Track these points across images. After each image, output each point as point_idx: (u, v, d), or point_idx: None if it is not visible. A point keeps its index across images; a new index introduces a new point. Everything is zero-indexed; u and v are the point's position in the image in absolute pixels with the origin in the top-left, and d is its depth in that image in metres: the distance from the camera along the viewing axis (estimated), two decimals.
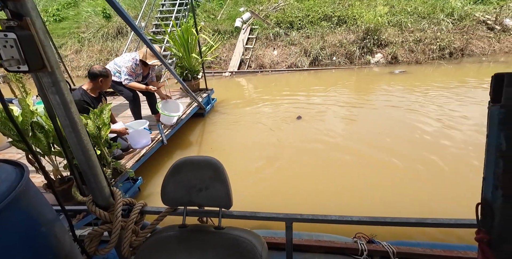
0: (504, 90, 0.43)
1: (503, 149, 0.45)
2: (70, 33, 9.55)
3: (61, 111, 0.83)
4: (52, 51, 0.80)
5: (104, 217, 0.95)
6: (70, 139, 0.86)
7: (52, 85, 0.80)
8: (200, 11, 9.30)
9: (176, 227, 0.97)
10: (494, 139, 0.46)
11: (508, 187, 0.46)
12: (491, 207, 0.48)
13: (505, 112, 0.44)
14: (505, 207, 0.47)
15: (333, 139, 3.67)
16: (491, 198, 0.48)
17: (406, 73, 6.44)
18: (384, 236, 1.59)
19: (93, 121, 2.23)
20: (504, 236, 0.48)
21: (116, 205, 0.97)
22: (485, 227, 0.50)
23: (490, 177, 0.47)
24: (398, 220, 0.95)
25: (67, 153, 1.76)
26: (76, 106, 0.86)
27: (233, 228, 0.93)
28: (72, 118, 0.85)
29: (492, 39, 7.32)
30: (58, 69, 0.81)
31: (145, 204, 1.07)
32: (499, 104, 0.44)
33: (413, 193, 2.53)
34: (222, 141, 3.95)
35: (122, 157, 2.87)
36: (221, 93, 5.71)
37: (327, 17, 8.15)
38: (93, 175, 0.92)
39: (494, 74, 0.44)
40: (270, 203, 2.55)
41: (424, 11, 7.68)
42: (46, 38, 0.77)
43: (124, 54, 3.51)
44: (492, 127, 0.46)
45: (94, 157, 0.92)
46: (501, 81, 0.44)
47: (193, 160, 0.94)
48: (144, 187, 2.96)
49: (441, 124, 3.81)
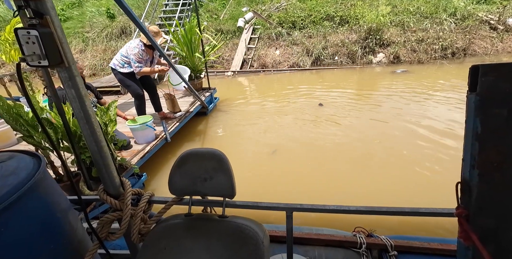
0: (479, 80, 0.48)
1: (479, 132, 0.50)
2: (74, 33, 9.66)
3: (76, 104, 0.88)
4: (68, 48, 0.85)
5: (115, 205, 1.01)
6: (84, 130, 0.92)
7: (69, 80, 0.85)
8: (203, 11, 9.36)
9: (182, 215, 1.02)
10: (471, 124, 0.51)
11: (482, 166, 0.51)
12: (468, 185, 0.53)
13: (479, 100, 0.49)
14: (480, 185, 0.52)
15: (334, 135, 3.71)
16: (469, 177, 0.53)
17: (408, 72, 6.45)
18: (383, 231, 1.63)
19: (100, 117, 2.29)
20: (479, 211, 0.53)
21: (126, 194, 1.03)
22: (464, 203, 0.55)
23: (468, 158, 0.53)
24: (394, 209, 1.00)
25: (75, 148, 1.82)
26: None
27: (236, 217, 0.98)
28: (86, 111, 0.90)
29: (495, 39, 7.31)
30: (74, 65, 0.86)
31: (153, 194, 1.13)
32: (475, 92, 0.49)
33: (416, 187, 2.57)
34: (225, 138, 4.00)
35: (130, 147, 2.97)
36: (223, 92, 5.77)
37: (329, 17, 8.18)
38: (105, 165, 0.97)
39: (471, 66, 0.50)
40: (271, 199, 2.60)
41: (426, 11, 7.68)
42: (63, 35, 0.83)
43: (127, 43, 3.51)
44: (469, 113, 0.51)
45: (105, 148, 0.98)
46: (477, 72, 0.49)
47: (198, 152, 0.99)
48: (148, 183, 3.02)
49: (445, 122, 3.83)
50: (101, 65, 8.90)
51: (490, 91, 0.48)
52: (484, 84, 0.48)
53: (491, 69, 0.48)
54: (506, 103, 0.48)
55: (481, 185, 0.52)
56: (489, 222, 0.54)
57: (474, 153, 0.51)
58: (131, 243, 1.15)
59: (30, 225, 0.87)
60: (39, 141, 1.97)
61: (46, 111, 2.06)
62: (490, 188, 0.52)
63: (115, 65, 3.50)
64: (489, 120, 0.49)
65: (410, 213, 1.02)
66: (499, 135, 0.50)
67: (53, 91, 1.12)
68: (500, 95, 0.48)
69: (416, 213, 1.01)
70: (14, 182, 0.84)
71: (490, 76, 0.48)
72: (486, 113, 0.49)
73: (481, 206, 0.53)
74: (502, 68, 0.47)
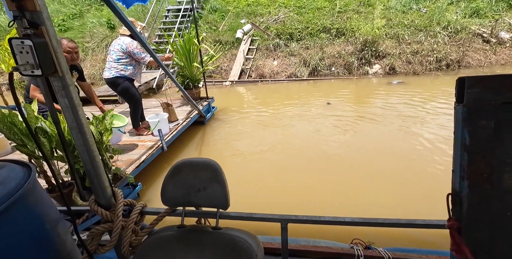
0: (466, 92, 0.49)
1: (467, 143, 0.50)
2: None
3: (69, 113, 0.88)
4: (63, 57, 0.86)
5: (106, 216, 0.98)
6: (76, 140, 0.91)
7: (62, 89, 0.85)
8: (202, 22, 9.56)
9: (175, 227, 1.00)
10: (459, 135, 0.51)
11: (472, 177, 0.51)
12: (459, 196, 0.53)
13: (467, 111, 0.49)
14: (470, 196, 0.51)
15: (330, 146, 3.71)
16: (459, 188, 0.52)
17: (404, 84, 6.55)
18: (381, 243, 1.60)
19: (95, 127, 2.28)
20: (471, 223, 0.52)
21: (117, 205, 1.01)
22: (455, 215, 0.55)
23: (457, 169, 0.52)
24: (390, 221, 0.99)
25: (69, 157, 1.80)
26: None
27: (230, 229, 0.96)
28: (79, 121, 0.89)
29: (488, 51, 7.48)
30: (68, 74, 0.86)
31: (145, 205, 1.11)
32: (462, 104, 0.50)
33: (412, 199, 2.54)
34: (222, 148, 3.98)
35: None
36: (221, 101, 5.80)
37: (326, 29, 8.37)
38: (97, 174, 0.96)
39: (457, 78, 0.50)
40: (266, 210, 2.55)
41: (420, 24, 7.89)
42: (58, 45, 0.83)
43: (115, 46, 3.30)
44: (457, 125, 0.51)
45: (98, 158, 0.97)
46: (464, 84, 0.49)
47: (192, 161, 0.98)
48: (144, 193, 2.97)
49: (438, 133, 3.85)
50: (100, 74, 8.97)
51: (477, 103, 0.49)
52: (470, 96, 0.49)
53: (476, 82, 0.48)
54: (492, 115, 0.48)
55: (471, 196, 0.51)
56: (481, 234, 0.53)
57: (463, 164, 0.51)
58: (121, 255, 1.11)
59: (17, 236, 0.85)
60: (32, 150, 1.95)
61: (41, 120, 2.05)
62: (480, 200, 0.52)
63: (118, 72, 3.32)
64: (477, 131, 0.49)
65: (406, 225, 1.00)
66: (487, 146, 0.50)
67: (50, 101, 1.12)
68: (487, 107, 0.49)
69: (412, 224, 1.00)
70: (3, 192, 0.82)
71: (476, 88, 0.48)
72: (474, 125, 0.49)
73: (472, 217, 0.52)
74: (487, 81, 0.48)
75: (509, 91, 0.47)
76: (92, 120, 2.24)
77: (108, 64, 3.37)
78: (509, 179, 0.50)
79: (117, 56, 3.31)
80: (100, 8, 11.06)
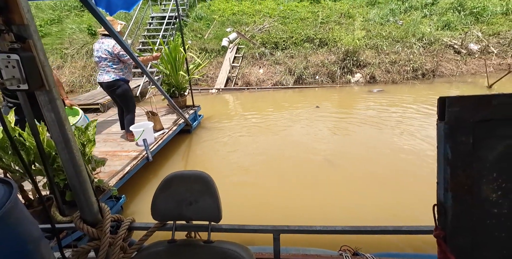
0: (446, 111, 0.54)
1: (449, 158, 0.54)
2: (52, 49, 9.45)
3: (55, 128, 0.85)
4: (50, 70, 0.84)
5: (92, 234, 0.95)
6: (62, 154, 0.88)
7: (49, 103, 0.83)
8: (188, 30, 9.57)
9: (165, 242, 0.98)
10: (442, 150, 0.55)
11: (455, 189, 0.55)
12: (444, 206, 0.57)
13: (448, 128, 0.54)
14: (454, 206, 0.55)
15: (318, 154, 3.78)
16: (443, 199, 0.56)
17: (384, 92, 6.83)
18: (369, 248, 1.64)
19: (78, 138, 2.20)
20: (455, 232, 0.56)
21: (105, 221, 0.97)
22: (441, 224, 0.58)
23: (442, 181, 0.56)
24: (377, 228, 1.02)
25: (48, 170, 1.72)
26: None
27: (223, 242, 0.95)
28: (65, 135, 0.87)
29: (459, 61, 8.00)
30: (55, 88, 0.84)
31: (133, 220, 1.08)
32: (444, 121, 0.54)
33: (397, 205, 2.63)
34: (209, 156, 3.94)
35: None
36: (208, 109, 5.77)
37: (309, 39, 8.64)
38: (83, 190, 0.92)
39: (438, 98, 0.55)
40: (258, 220, 2.54)
41: (397, 36, 8.34)
42: (45, 59, 0.82)
43: (100, 49, 3.22)
44: (440, 140, 0.56)
45: (84, 172, 0.94)
46: (445, 103, 0.54)
47: (183, 174, 0.98)
48: (128, 206, 2.87)
49: (417, 139, 4.03)
50: (80, 82, 8.68)
51: (457, 121, 0.53)
52: (451, 114, 0.53)
53: (456, 101, 0.53)
54: (470, 131, 0.53)
55: (455, 206, 0.55)
56: (465, 242, 0.57)
57: (446, 177, 0.55)
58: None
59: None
60: (8, 163, 1.84)
61: (18, 131, 1.95)
62: (463, 210, 0.55)
63: (118, 75, 3.32)
64: (457, 147, 0.54)
65: (393, 232, 1.05)
66: (467, 160, 0.54)
67: (30, 113, 1.08)
68: (466, 124, 0.53)
69: (399, 231, 1.04)
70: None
71: (455, 107, 0.53)
72: (455, 141, 0.54)
73: (456, 227, 0.56)
74: (465, 100, 0.53)
75: (484, 110, 0.52)
76: (74, 131, 2.16)
77: (104, 69, 3.34)
78: (487, 190, 0.54)
79: (110, 61, 3.29)
80: (81, 14, 10.80)
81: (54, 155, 1.97)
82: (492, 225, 0.55)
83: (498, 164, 0.53)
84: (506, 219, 0.54)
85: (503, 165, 0.53)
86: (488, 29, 8.44)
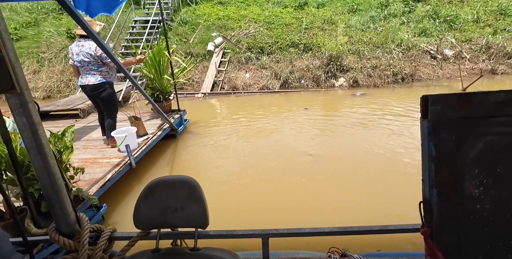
0: (429, 109, 0.54)
1: (433, 155, 0.55)
2: (28, 53, 9.04)
3: (27, 133, 0.80)
4: (22, 72, 0.78)
5: (69, 246, 0.88)
6: (35, 162, 0.82)
7: (20, 107, 0.77)
8: (172, 34, 9.47)
9: (149, 252, 0.93)
10: (426, 147, 0.56)
11: (439, 186, 0.56)
12: (429, 203, 0.57)
13: (431, 126, 0.55)
14: (439, 203, 0.56)
15: (302, 156, 3.80)
16: (429, 196, 0.57)
17: (366, 95, 7.03)
18: (357, 249, 1.65)
19: (54, 145, 2.08)
20: (441, 228, 0.57)
21: (83, 232, 0.91)
22: (427, 221, 0.59)
23: (426, 179, 0.57)
24: (364, 228, 1.03)
25: (22, 180, 1.62)
26: None
27: (210, 248, 0.91)
28: (39, 141, 0.81)
29: (435, 66, 8.40)
30: (27, 91, 0.79)
31: (115, 230, 1.02)
32: (427, 119, 0.55)
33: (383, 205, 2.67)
34: (195, 162, 3.87)
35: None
36: (194, 114, 5.69)
37: (294, 44, 8.79)
38: (59, 199, 0.86)
39: (421, 96, 0.56)
40: (246, 225, 2.50)
41: (378, 41, 8.66)
42: (16, 59, 0.76)
43: (82, 54, 3.12)
44: (424, 138, 0.56)
45: (60, 181, 0.88)
46: (427, 101, 0.55)
47: (168, 180, 0.94)
48: (109, 215, 2.74)
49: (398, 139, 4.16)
50: (58, 87, 8.33)
51: (439, 119, 0.54)
52: (434, 112, 0.54)
53: (438, 99, 0.54)
54: (453, 129, 0.54)
55: (440, 203, 0.56)
56: (451, 238, 0.57)
57: (431, 174, 0.55)
58: None
59: None
60: None
61: None
62: (448, 206, 0.56)
63: (104, 78, 3.22)
64: (441, 144, 0.54)
65: (379, 231, 1.05)
66: (450, 157, 0.55)
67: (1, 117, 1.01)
68: (448, 122, 0.54)
69: (385, 230, 1.05)
70: None
71: (438, 105, 0.54)
72: (438, 138, 0.54)
73: (442, 223, 0.57)
74: (447, 98, 0.54)
75: (465, 108, 0.53)
76: (50, 138, 2.05)
77: (89, 72, 3.22)
78: (470, 186, 0.55)
79: (95, 64, 3.19)
80: (59, 17, 10.44)
81: (28, 163, 1.86)
82: (475, 221, 0.56)
83: (479, 160, 0.54)
84: (488, 214, 0.55)
85: (484, 161, 0.54)
86: (461, 36, 8.95)
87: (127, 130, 3.46)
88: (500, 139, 0.53)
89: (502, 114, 0.52)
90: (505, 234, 0.55)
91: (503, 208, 0.54)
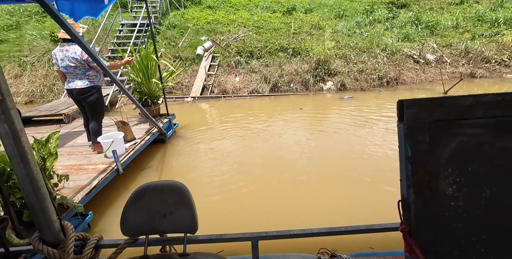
0: (405, 112, 0.58)
1: (409, 156, 0.58)
2: (9, 57, 8.75)
3: (9, 140, 0.78)
4: (3, 78, 0.77)
5: (53, 255, 0.86)
6: (17, 169, 0.80)
7: (1, 113, 0.75)
8: (161, 38, 9.41)
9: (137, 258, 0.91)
10: (402, 149, 0.59)
11: (416, 185, 0.59)
12: (407, 202, 0.60)
13: (407, 128, 0.58)
14: (416, 202, 0.59)
15: (291, 159, 3.83)
16: (406, 195, 0.60)
17: (353, 98, 7.19)
18: (346, 249, 1.67)
19: (37, 151, 2.02)
20: (419, 225, 0.60)
21: (68, 241, 0.89)
22: (405, 219, 0.61)
23: (404, 179, 0.60)
24: (351, 228, 1.05)
25: (2, 189, 1.56)
26: None
27: (199, 253, 0.91)
28: (21, 148, 0.79)
29: (418, 70, 8.70)
30: (9, 97, 0.77)
31: (101, 237, 1.00)
32: (403, 122, 0.58)
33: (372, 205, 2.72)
34: (185, 166, 3.82)
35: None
36: (183, 118, 5.64)
37: (283, 49, 8.91)
38: (42, 208, 0.84)
39: (398, 101, 0.59)
40: (236, 228, 2.49)
41: (363, 46, 8.91)
42: None
43: (67, 59, 3.06)
44: (400, 140, 0.60)
45: (44, 189, 0.86)
46: (403, 105, 0.58)
47: (156, 185, 0.93)
48: (96, 223, 2.67)
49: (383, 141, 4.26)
50: (41, 91, 8.09)
51: (414, 121, 0.57)
52: (409, 115, 0.57)
53: (413, 103, 0.57)
54: (426, 131, 0.57)
55: (417, 202, 0.59)
56: (428, 235, 0.60)
57: (408, 174, 0.58)
58: None
59: None
60: None
61: None
62: (424, 204, 0.59)
63: (92, 82, 3.18)
64: (416, 145, 0.58)
65: (365, 230, 1.08)
66: (425, 157, 0.58)
67: None
68: (422, 124, 0.57)
69: (371, 229, 1.08)
70: None
71: (413, 109, 0.57)
72: (414, 140, 0.58)
73: (419, 221, 0.59)
74: (421, 102, 0.57)
75: (437, 111, 0.57)
76: (33, 145, 1.99)
77: (76, 76, 3.16)
78: (444, 185, 0.58)
79: (82, 69, 3.13)
80: (42, 20, 10.18)
81: (9, 171, 1.79)
82: (450, 218, 0.59)
83: (452, 160, 0.58)
84: (462, 211, 0.58)
85: (456, 161, 0.58)
86: (442, 41, 9.33)
87: (114, 135, 3.39)
88: (469, 139, 0.56)
89: (471, 117, 0.55)
90: (477, 230, 0.58)
91: (474, 205, 0.57)
